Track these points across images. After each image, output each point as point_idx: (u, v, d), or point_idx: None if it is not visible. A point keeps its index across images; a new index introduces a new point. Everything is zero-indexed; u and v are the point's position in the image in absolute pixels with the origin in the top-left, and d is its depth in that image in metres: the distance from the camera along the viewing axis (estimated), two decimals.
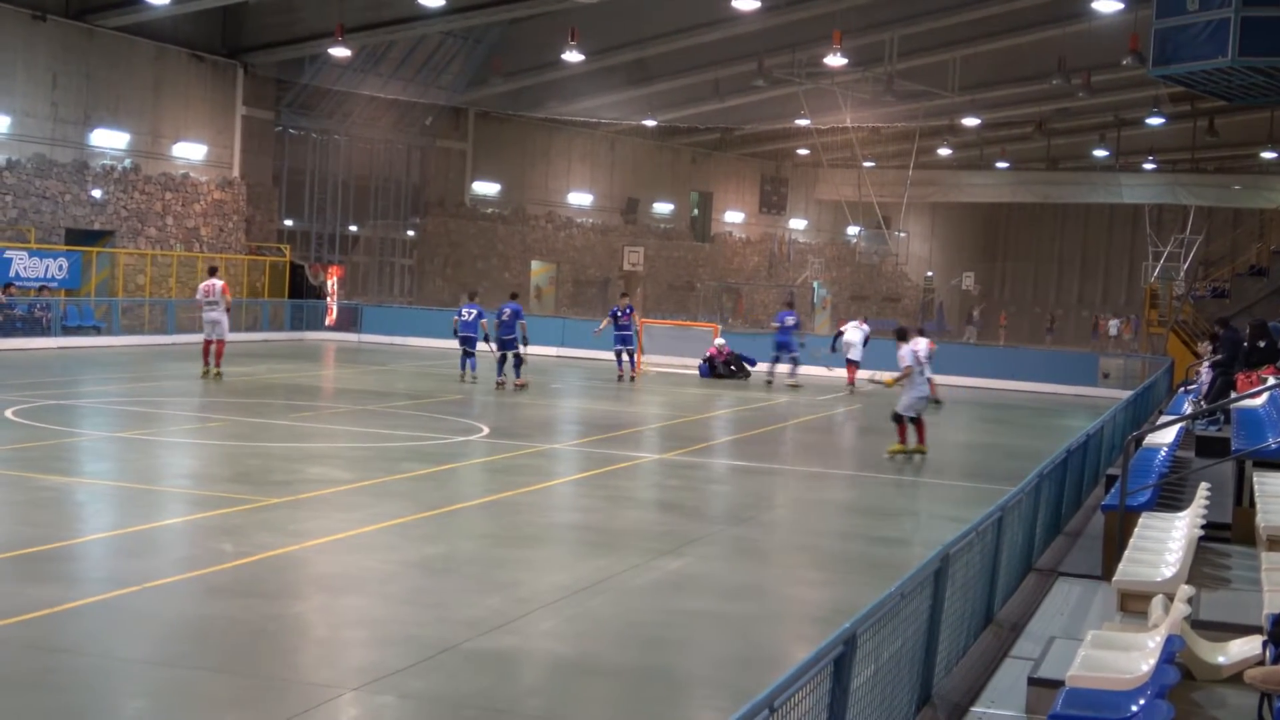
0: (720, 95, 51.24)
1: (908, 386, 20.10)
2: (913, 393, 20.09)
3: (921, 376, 20.15)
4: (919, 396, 20.13)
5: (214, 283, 27.76)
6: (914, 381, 20.06)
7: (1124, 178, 65.19)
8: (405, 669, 8.73)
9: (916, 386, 20.09)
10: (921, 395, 20.17)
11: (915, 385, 20.08)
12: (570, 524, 14.40)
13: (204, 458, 17.52)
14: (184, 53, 40.18)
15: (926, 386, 20.35)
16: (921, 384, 20.16)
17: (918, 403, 20.12)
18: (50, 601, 9.80)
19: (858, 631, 5.96)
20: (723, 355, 35.19)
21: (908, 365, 20.03)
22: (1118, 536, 10.92)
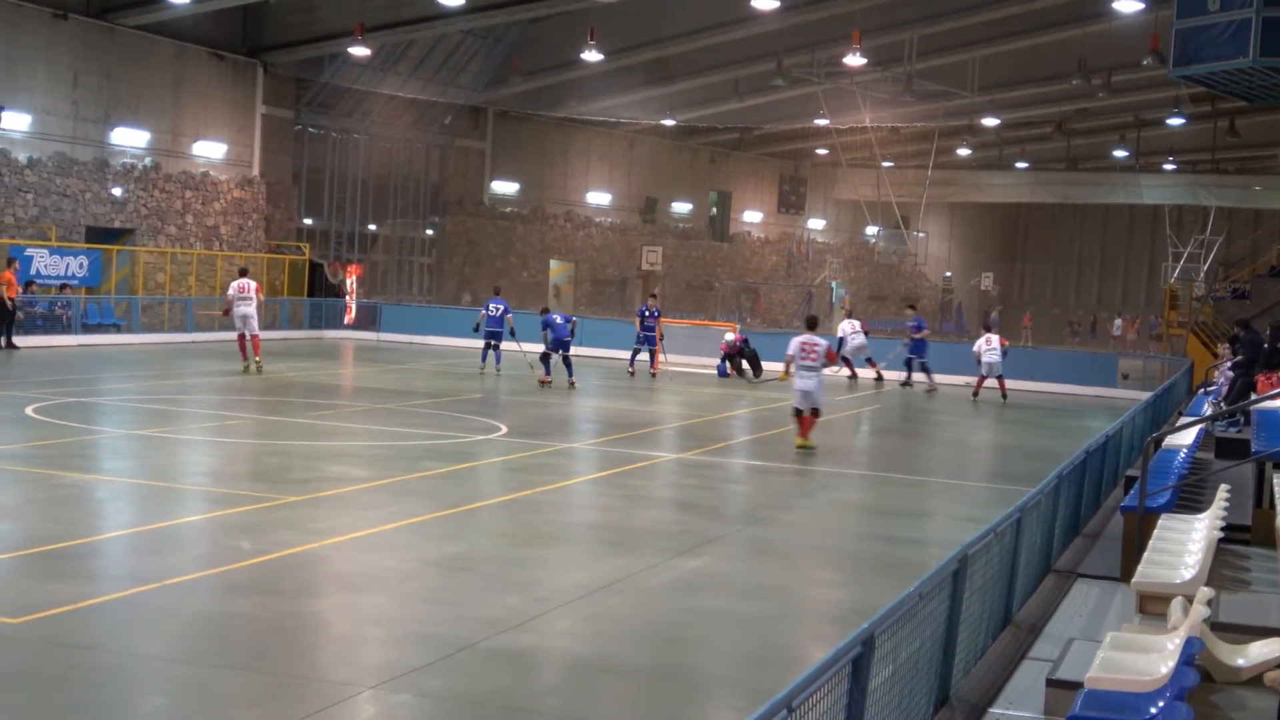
0: (739, 95, 51.25)
1: (795, 378, 19.92)
2: (795, 385, 19.92)
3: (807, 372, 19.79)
4: (801, 391, 19.83)
5: (248, 282, 29.18)
6: (798, 375, 19.86)
7: (1144, 178, 65.00)
8: (423, 667, 8.74)
9: (802, 379, 19.84)
10: (804, 389, 19.79)
11: (800, 378, 19.85)
12: (588, 523, 14.41)
13: (223, 455, 17.56)
14: (204, 51, 40.30)
15: (814, 379, 19.87)
16: (805, 378, 19.80)
17: (800, 397, 19.83)
18: (71, 598, 9.83)
19: (876, 632, 5.95)
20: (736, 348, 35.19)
21: (788, 355, 19.94)
22: (1137, 538, 10.89)
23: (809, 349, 19.88)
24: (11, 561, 11.19)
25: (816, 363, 19.86)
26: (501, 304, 30.79)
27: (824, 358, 20.00)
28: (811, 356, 19.85)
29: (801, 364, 19.85)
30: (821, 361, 19.93)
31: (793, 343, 20.13)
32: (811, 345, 19.91)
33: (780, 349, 38.26)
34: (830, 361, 20.36)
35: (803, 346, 19.91)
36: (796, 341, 20.06)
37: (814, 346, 19.91)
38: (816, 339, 20.13)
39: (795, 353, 19.93)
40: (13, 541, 11.93)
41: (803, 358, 19.86)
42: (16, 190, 34.77)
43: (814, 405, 19.92)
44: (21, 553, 11.43)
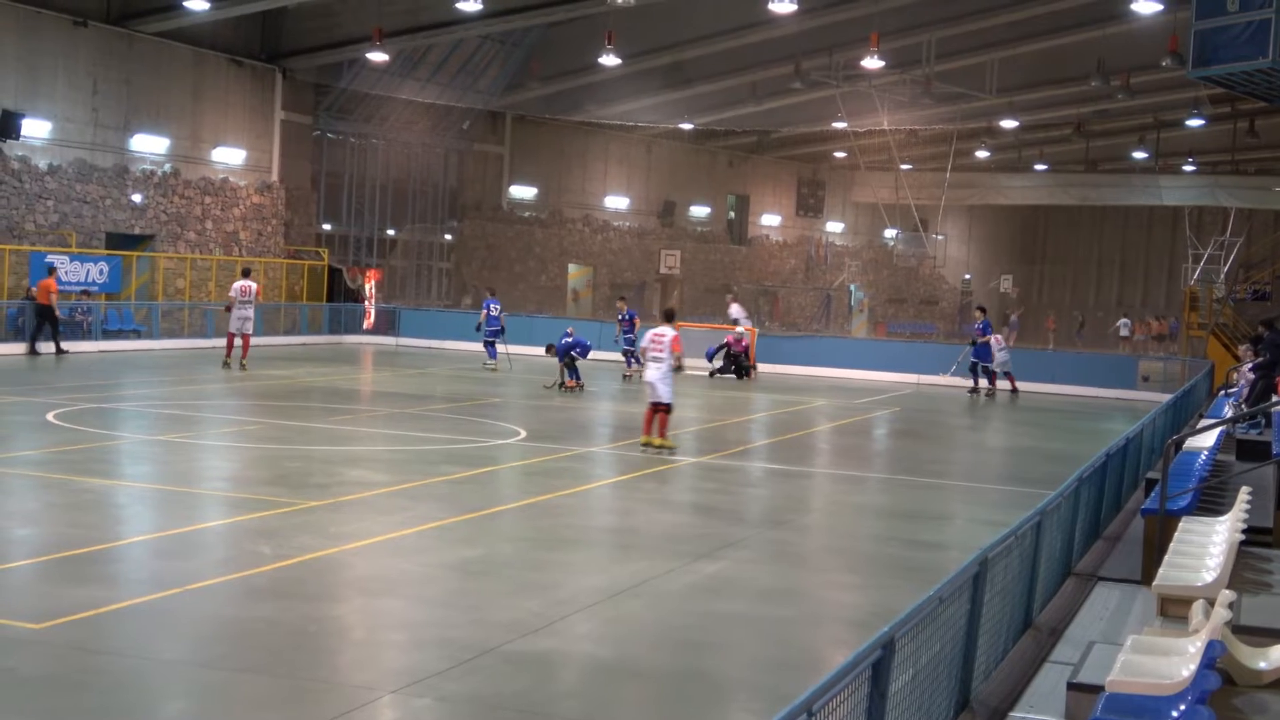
0: (757, 98, 51.25)
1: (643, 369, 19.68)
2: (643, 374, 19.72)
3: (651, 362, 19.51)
4: (646, 381, 19.63)
5: (250, 284, 30.14)
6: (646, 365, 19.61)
7: (1163, 180, 64.81)
8: (443, 671, 8.76)
9: (645, 368, 19.63)
10: (648, 380, 19.57)
11: (646, 369, 19.64)
12: (607, 527, 14.42)
13: (243, 460, 17.62)
14: (223, 58, 40.43)
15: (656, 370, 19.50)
16: (651, 368, 19.53)
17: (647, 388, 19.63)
18: (92, 603, 9.87)
19: (896, 636, 5.95)
20: (740, 345, 35.23)
21: (641, 347, 19.73)
22: (1157, 541, 10.86)
23: (657, 341, 19.57)
24: (33, 566, 11.24)
25: (663, 354, 19.46)
26: (497, 304, 31.90)
27: (670, 350, 19.52)
28: (658, 348, 19.51)
29: (651, 355, 19.56)
30: (668, 354, 19.48)
31: (645, 335, 19.92)
32: (659, 337, 19.59)
33: (795, 352, 38.50)
34: (678, 354, 19.74)
35: (652, 339, 19.65)
36: (649, 334, 19.86)
37: (661, 338, 19.57)
38: (664, 331, 19.75)
39: (647, 344, 19.71)
40: (34, 546, 11.99)
41: (652, 349, 19.57)
42: (37, 197, 34.91)
43: (659, 399, 19.46)
44: (43, 558, 11.48)
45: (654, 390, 19.50)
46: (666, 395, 19.50)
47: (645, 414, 19.80)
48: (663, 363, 19.45)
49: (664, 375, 19.49)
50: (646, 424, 19.71)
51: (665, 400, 19.51)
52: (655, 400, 19.55)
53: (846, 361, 38.34)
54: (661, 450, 19.37)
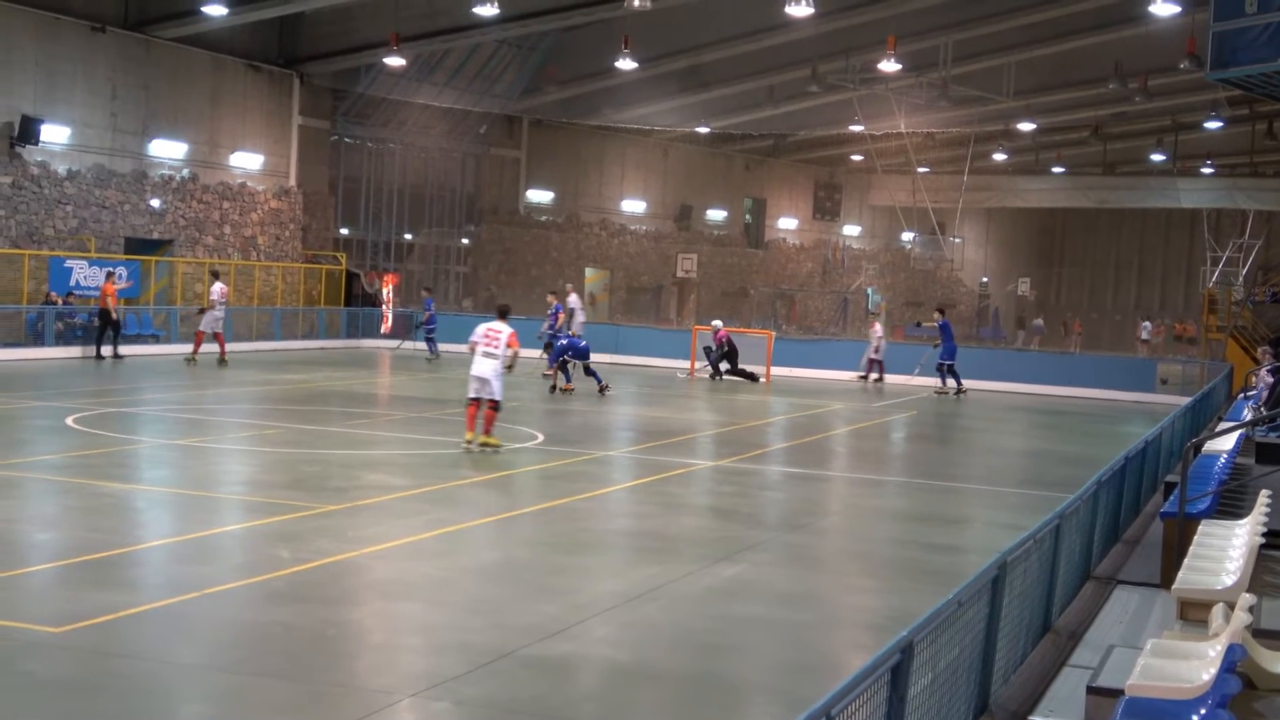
0: (774, 101, 51.23)
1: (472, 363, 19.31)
2: (470, 371, 19.33)
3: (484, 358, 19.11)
4: (474, 375, 19.17)
5: (224, 286, 32.36)
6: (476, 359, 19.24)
7: (1181, 182, 64.62)
8: (461, 675, 8.76)
9: (477, 364, 19.21)
10: (478, 375, 19.10)
11: (476, 362, 19.23)
12: (625, 531, 14.41)
13: (261, 465, 17.65)
14: (241, 63, 40.53)
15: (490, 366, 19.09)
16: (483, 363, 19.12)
17: (473, 384, 19.15)
18: (111, 607, 9.90)
19: (915, 639, 5.94)
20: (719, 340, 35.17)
21: (471, 341, 19.40)
22: (1177, 544, 10.83)
23: (492, 336, 19.28)
24: (52, 571, 11.28)
25: (497, 350, 19.18)
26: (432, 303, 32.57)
27: (506, 345, 19.26)
28: (493, 343, 19.23)
29: (482, 350, 19.18)
30: (503, 349, 19.21)
31: (477, 330, 19.54)
32: (495, 332, 19.31)
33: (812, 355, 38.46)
34: (514, 352, 19.48)
35: (485, 334, 19.31)
36: (482, 328, 19.47)
37: (496, 333, 19.30)
38: (501, 327, 19.44)
39: (478, 339, 19.32)
40: (54, 551, 12.02)
41: (485, 344, 19.24)
42: (56, 202, 35.03)
43: (490, 395, 19.11)
44: (62, 562, 11.51)
45: (487, 386, 19.06)
46: (499, 392, 19.17)
47: (469, 411, 19.18)
48: (496, 359, 19.13)
49: (499, 372, 19.17)
50: (470, 421, 19.12)
51: (498, 398, 19.16)
52: (486, 396, 19.09)
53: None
54: (485, 449, 18.94)
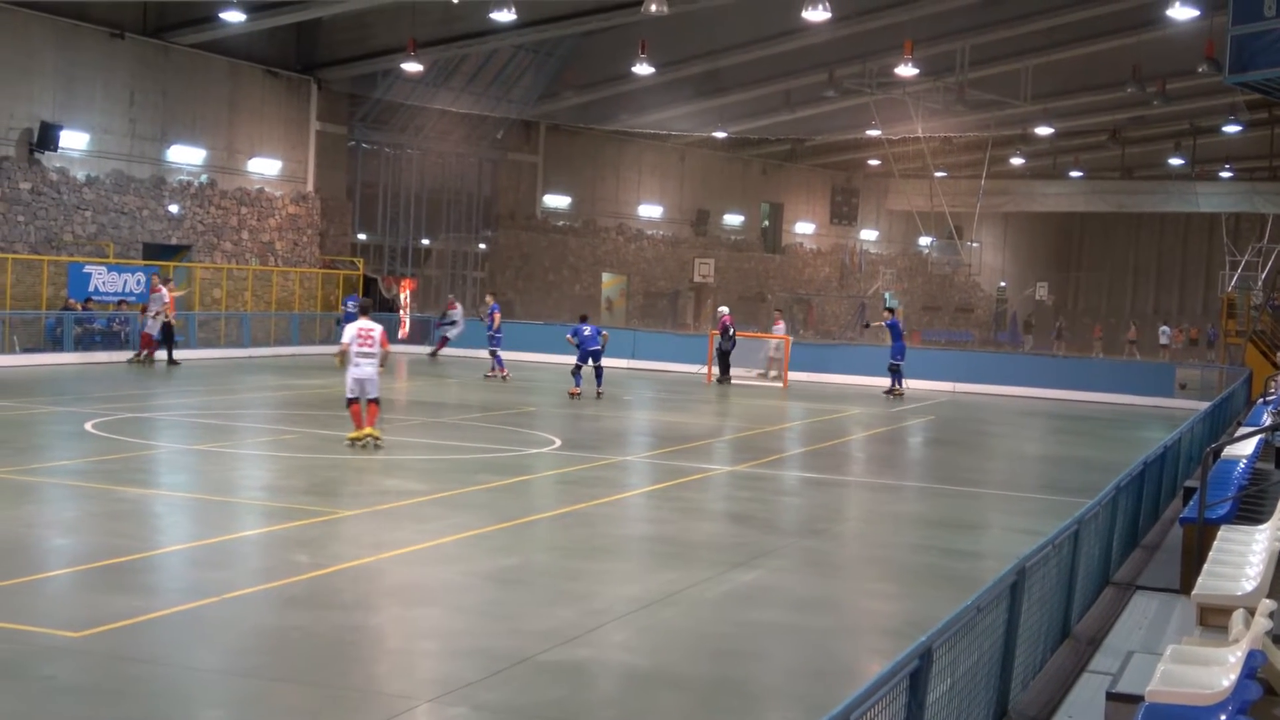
0: (791, 106, 51.20)
1: (347, 366, 19.41)
2: (349, 373, 19.36)
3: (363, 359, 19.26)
4: (354, 378, 19.27)
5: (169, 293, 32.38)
6: (353, 362, 19.31)
7: (1200, 186, 64.45)
8: (479, 681, 8.76)
9: (356, 367, 19.32)
10: (359, 377, 19.25)
11: (356, 365, 19.30)
12: (643, 536, 14.41)
13: (279, 470, 17.68)
14: (259, 69, 40.65)
15: (370, 366, 19.28)
16: (360, 365, 19.27)
17: (354, 385, 19.29)
18: (130, 612, 9.92)
19: (934, 645, 5.92)
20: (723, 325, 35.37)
21: (344, 343, 19.48)
22: (1196, 549, 10.80)
23: (365, 336, 19.36)
24: (72, 575, 11.31)
25: (373, 349, 19.33)
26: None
27: (379, 344, 19.41)
28: (368, 343, 19.34)
29: (358, 351, 19.29)
30: (377, 348, 19.37)
31: (348, 331, 19.58)
32: (368, 332, 19.39)
33: (829, 360, 38.40)
34: (385, 348, 19.64)
35: (360, 334, 19.36)
36: (352, 329, 19.49)
37: (369, 334, 19.39)
38: (372, 325, 19.55)
39: (351, 340, 19.37)
40: (73, 556, 12.06)
41: (359, 345, 19.32)
42: (75, 208, 35.15)
43: (370, 395, 19.28)
44: (82, 567, 11.55)
45: (370, 386, 19.25)
46: (378, 389, 19.47)
47: (353, 410, 19.27)
48: (374, 358, 19.32)
49: (377, 371, 19.43)
50: (357, 419, 19.26)
51: (378, 395, 19.46)
52: (368, 396, 19.31)
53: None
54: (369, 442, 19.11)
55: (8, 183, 33.36)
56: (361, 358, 19.18)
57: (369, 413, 19.26)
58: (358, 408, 19.25)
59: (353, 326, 19.44)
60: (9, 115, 33.52)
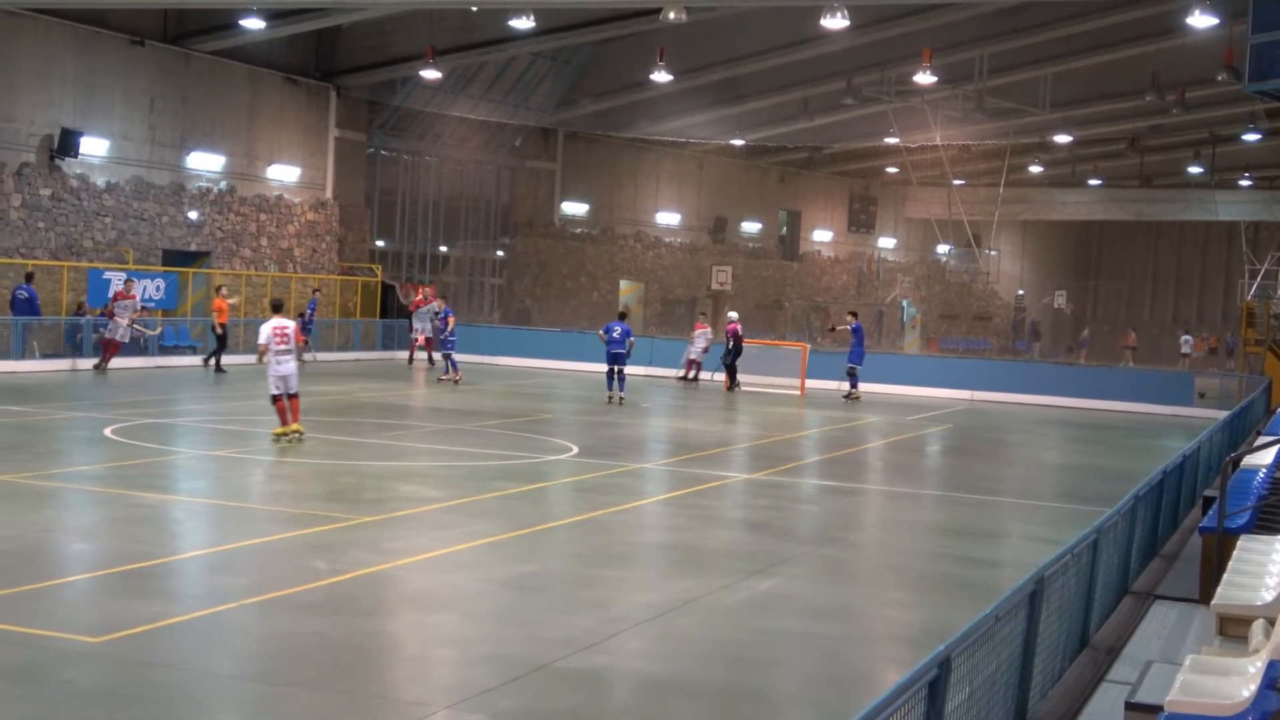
0: (809, 114, 51.17)
1: (268, 364, 19.89)
2: (271, 370, 19.84)
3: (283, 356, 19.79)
4: (276, 375, 19.77)
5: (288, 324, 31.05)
6: (273, 359, 19.78)
7: (1219, 194, 64.28)
8: (496, 688, 8.76)
9: (278, 365, 19.77)
10: (281, 374, 19.77)
11: (277, 363, 19.78)
12: (659, 543, 14.40)
13: (297, 476, 17.71)
14: (278, 76, 40.76)
15: (290, 362, 19.88)
16: (282, 362, 19.78)
17: (276, 381, 19.79)
18: (149, 617, 9.95)
19: (952, 654, 5.91)
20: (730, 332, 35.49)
21: (261, 343, 19.91)
22: (1216, 559, 10.76)
23: (281, 334, 19.88)
24: (90, 581, 11.34)
25: (290, 346, 19.96)
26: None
27: (294, 340, 20.16)
28: (284, 341, 19.89)
29: (277, 349, 19.80)
30: (293, 345, 20.12)
31: (263, 330, 20.05)
32: (283, 330, 19.95)
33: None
34: (301, 344, 20.27)
35: (275, 332, 19.85)
36: (268, 328, 19.95)
37: (285, 330, 19.96)
38: (286, 322, 20.15)
39: (268, 339, 19.84)
40: (92, 561, 12.10)
41: (277, 343, 19.81)
42: (95, 214, 35.27)
43: (292, 390, 19.86)
44: (100, 572, 11.58)
45: (292, 381, 19.85)
46: (298, 384, 20.06)
47: (279, 407, 19.85)
48: (293, 354, 19.98)
49: (296, 367, 20.05)
50: (283, 415, 19.84)
51: (297, 390, 20.01)
52: (290, 392, 19.82)
53: (899, 378, 38.18)
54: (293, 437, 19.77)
55: (28, 189, 33.50)
56: (281, 355, 19.79)
57: (292, 408, 19.88)
58: (282, 404, 19.84)
59: (268, 326, 20.01)
60: (30, 122, 33.66)
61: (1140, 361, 59.23)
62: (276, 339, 19.79)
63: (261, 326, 20.28)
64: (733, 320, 36.29)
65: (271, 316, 20.28)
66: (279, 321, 20.02)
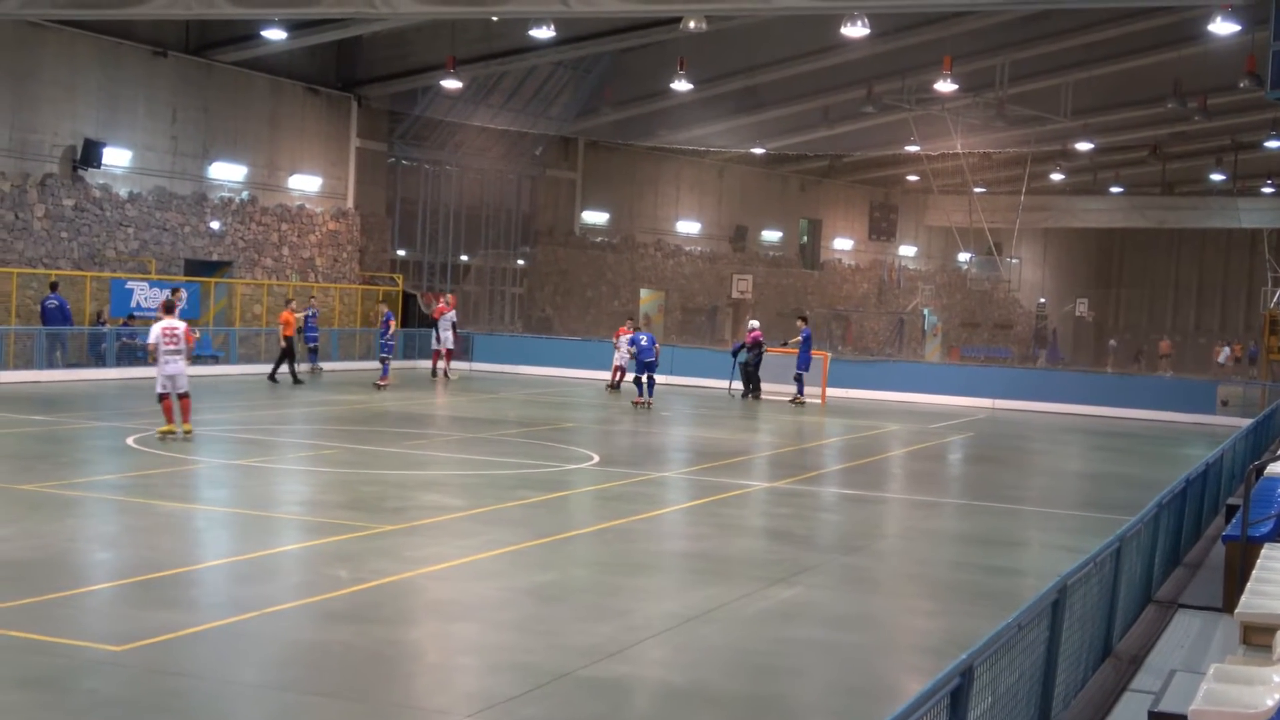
0: (829, 122, 51.14)
1: (160, 364, 20.39)
2: (159, 370, 20.40)
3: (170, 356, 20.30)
4: (164, 375, 20.31)
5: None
6: (162, 359, 20.32)
7: (1242, 202, 64.00)
8: (518, 696, 8.77)
9: (165, 364, 20.29)
10: (168, 374, 20.25)
11: (165, 363, 20.30)
12: (681, 552, 14.40)
13: (319, 485, 17.75)
14: (299, 86, 40.90)
15: (177, 363, 20.39)
16: (169, 362, 20.28)
17: (164, 381, 20.32)
18: (171, 626, 9.98)
19: (975, 663, 5.89)
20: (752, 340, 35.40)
21: (151, 343, 20.55)
22: (1239, 568, 10.71)
23: (170, 334, 20.42)
24: (113, 590, 11.38)
25: (178, 346, 20.47)
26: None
27: (184, 340, 20.60)
28: (173, 342, 20.41)
29: (166, 349, 20.33)
30: (182, 345, 20.57)
31: (153, 330, 20.63)
32: (172, 330, 20.50)
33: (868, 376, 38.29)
34: (191, 345, 20.97)
35: (164, 333, 20.41)
36: (158, 329, 20.53)
37: (174, 331, 20.52)
38: (176, 324, 20.67)
39: (157, 339, 20.42)
40: (114, 570, 12.14)
41: (166, 344, 20.35)
42: (118, 224, 35.42)
43: (180, 390, 20.44)
44: (123, 581, 11.62)
45: (180, 381, 20.42)
46: (187, 384, 20.61)
47: (165, 406, 20.43)
48: (181, 354, 20.51)
49: (184, 367, 20.56)
50: (168, 413, 20.46)
51: (187, 389, 20.61)
52: (178, 391, 20.43)
53: (920, 386, 38.13)
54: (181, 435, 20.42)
55: (52, 199, 33.66)
56: (169, 355, 20.39)
57: (181, 406, 20.53)
58: (169, 403, 20.49)
59: (158, 326, 20.67)
60: (53, 132, 33.83)
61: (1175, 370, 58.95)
62: (166, 340, 20.43)
63: (152, 327, 20.97)
64: (755, 328, 36.28)
65: (164, 317, 20.96)
66: (169, 323, 20.67)
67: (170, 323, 20.60)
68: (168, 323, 20.59)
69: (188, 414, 20.62)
